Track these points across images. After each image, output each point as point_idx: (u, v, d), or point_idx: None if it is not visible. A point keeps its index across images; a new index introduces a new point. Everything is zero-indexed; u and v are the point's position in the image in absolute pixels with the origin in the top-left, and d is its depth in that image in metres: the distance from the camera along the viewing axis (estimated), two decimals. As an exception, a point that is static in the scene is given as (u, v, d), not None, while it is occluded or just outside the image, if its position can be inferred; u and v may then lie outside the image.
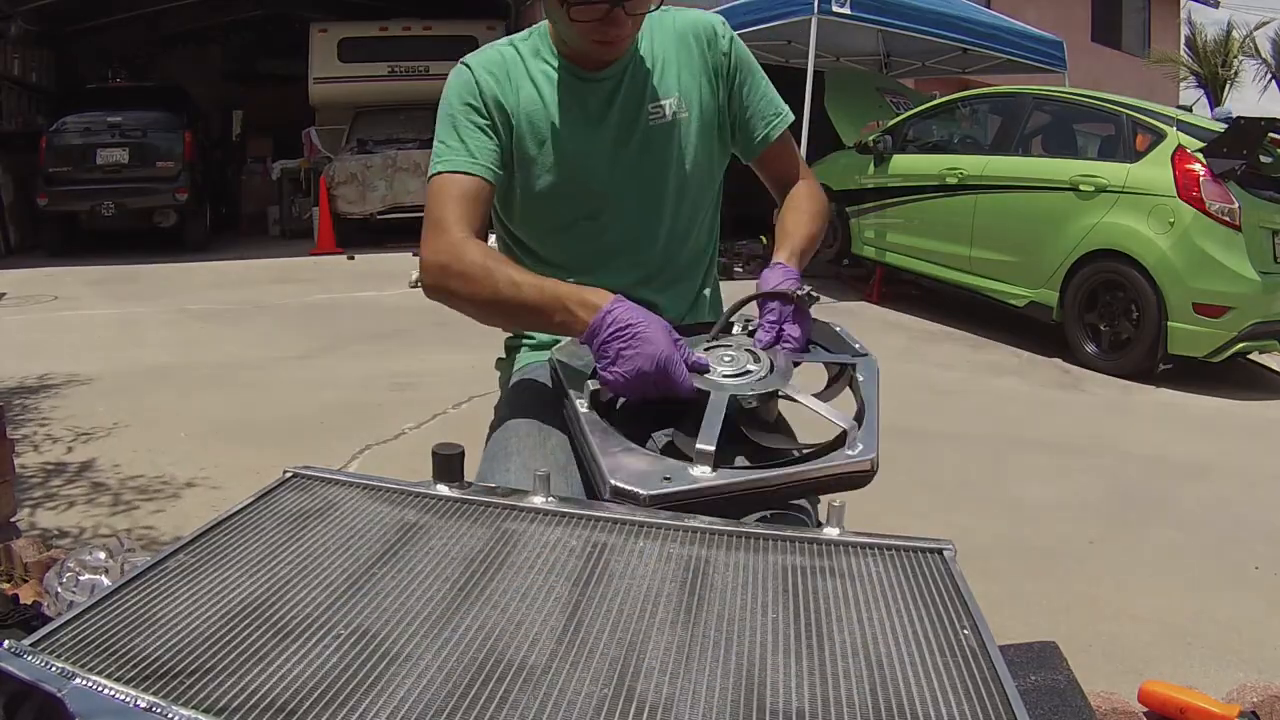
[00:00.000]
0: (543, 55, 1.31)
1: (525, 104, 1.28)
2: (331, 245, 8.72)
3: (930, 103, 6.63)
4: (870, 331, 5.56)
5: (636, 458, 0.99)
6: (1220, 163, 4.56)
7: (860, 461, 1.00)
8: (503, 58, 1.30)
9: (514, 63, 1.30)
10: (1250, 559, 2.56)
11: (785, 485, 1.00)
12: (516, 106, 1.28)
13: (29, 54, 10.07)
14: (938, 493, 3.00)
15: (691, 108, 1.33)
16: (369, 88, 10.03)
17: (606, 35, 1.21)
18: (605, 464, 0.97)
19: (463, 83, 1.28)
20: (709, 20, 1.37)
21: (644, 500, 0.93)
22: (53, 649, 0.60)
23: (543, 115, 1.28)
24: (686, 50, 1.34)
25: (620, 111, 1.31)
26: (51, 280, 7.14)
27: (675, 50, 1.34)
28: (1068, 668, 1.59)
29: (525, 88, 1.29)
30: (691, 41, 1.35)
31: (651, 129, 1.31)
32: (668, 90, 1.32)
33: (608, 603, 0.72)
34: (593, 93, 1.30)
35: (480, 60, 1.29)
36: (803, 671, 0.65)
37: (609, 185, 1.31)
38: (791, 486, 1.00)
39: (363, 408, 3.76)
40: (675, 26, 1.35)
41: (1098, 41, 14.15)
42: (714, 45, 1.35)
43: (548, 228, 1.33)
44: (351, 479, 0.92)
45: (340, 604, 0.69)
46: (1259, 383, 5.04)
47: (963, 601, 0.77)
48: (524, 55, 1.31)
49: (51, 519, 2.57)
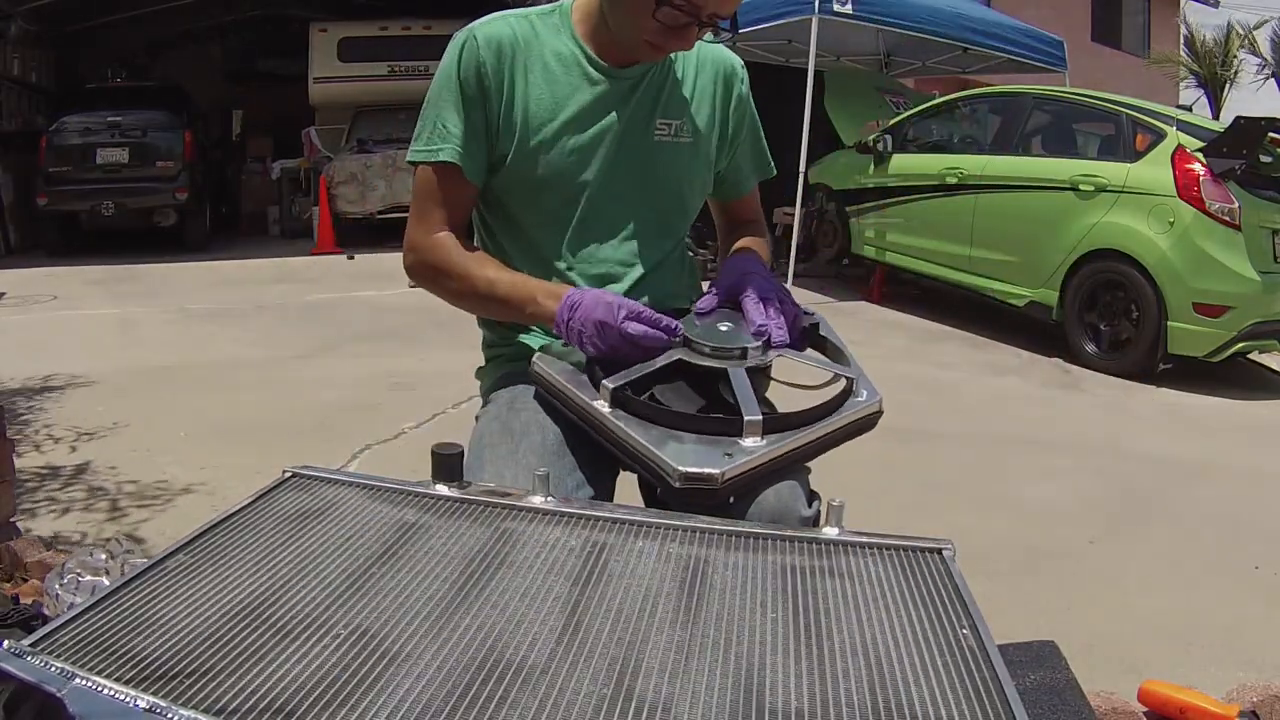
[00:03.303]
0: (561, 35, 1.26)
1: (533, 86, 1.24)
2: (331, 245, 8.71)
3: (930, 103, 6.63)
4: (870, 331, 5.56)
5: (685, 443, 1.00)
6: (1220, 163, 4.56)
7: (871, 405, 1.10)
8: (514, 33, 1.24)
9: (528, 40, 1.25)
10: (1250, 559, 2.56)
11: (822, 440, 1.06)
12: (522, 88, 1.23)
13: (29, 54, 10.06)
14: (938, 493, 3.00)
15: (696, 135, 1.32)
16: (369, 87, 10.01)
17: (667, 45, 1.19)
18: (668, 454, 0.97)
19: (466, 59, 1.22)
20: (732, 60, 1.36)
21: (720, 480, 0.95)
22: (53, 649, 0.60)
23: (549, 99, 1.24)
24: (706, 80, 1.33)
25: (631, 115, 1.27)
26: (51, 280, 7.13)
27: (695, 75, 1.33)
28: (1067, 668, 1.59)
29: (535, 69, 1.24)
30: (711, 72, 1.34)
31: (656, 144, 1.29)
32: (678, 111, 1.30)
33: (607, 602, 0.72)
34: (609, 86, 1.26)
35: (488, 35, 1.23)
36: (802, 671, 0.65)
37: (602, 183, 1.27)
38: (825, 440, 1.06)
39: (362, 408, 3.75)
40: (698, 53, 1.33)
41: (1098, 41, 14.15)
42: (731, 86, 1.35)
43: (525, 207, 1.30)
44: (351, 479, 0.92)
45: (340, 604, 0.69)
46: (1259, 383, 5.04)
47: (962, 601, 0.77)
48: (540, 32, 1.26)
49: (51, 519, 2.57)
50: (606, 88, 1.26)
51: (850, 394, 1.11)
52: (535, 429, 1.18)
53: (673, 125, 1.30)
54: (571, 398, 1.09)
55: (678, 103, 1.30)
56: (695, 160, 1.33)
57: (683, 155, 1.31)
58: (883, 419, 1.11)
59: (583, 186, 1.27)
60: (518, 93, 1.23)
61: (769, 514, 1.03)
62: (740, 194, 1.44)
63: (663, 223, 1.33)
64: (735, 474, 0.96)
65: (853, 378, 1.13)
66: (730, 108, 1.35)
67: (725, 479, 0.95)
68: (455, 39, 1.25)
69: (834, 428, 1.06)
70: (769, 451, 1.00)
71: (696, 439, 1.00)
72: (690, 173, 1.33)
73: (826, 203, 7.05)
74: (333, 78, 10.03)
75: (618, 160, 1.27)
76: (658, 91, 1.29)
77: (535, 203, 1.28)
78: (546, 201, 1.27)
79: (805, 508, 1.05)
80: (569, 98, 1.25)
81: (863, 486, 2.98)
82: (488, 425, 1.23)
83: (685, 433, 1.01)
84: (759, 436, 1.00)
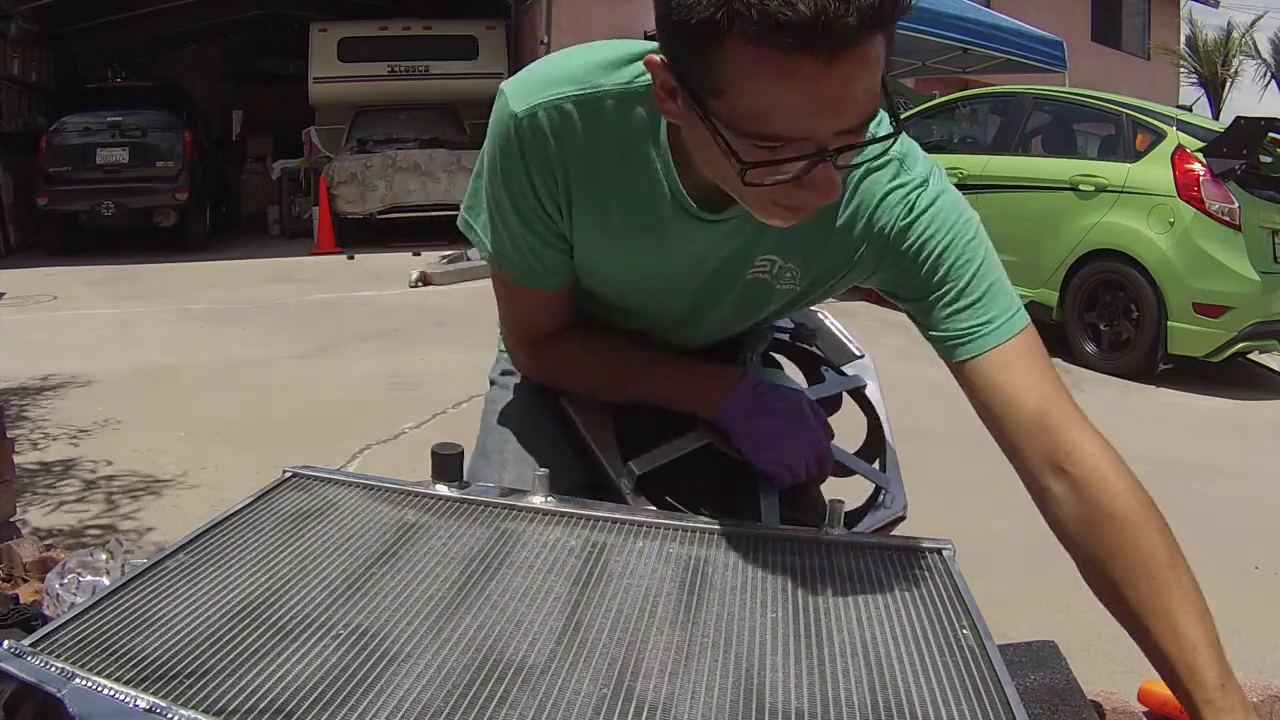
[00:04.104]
0: (651, 140, 0.87)
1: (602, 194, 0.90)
2: (331, 245, 8.71)
3: (930, 103, 6.63)
4: (870, 331, 5.56)
5: None
6: (1220, 163, 4.56)
7: (897, 513, 1.10)
8: (592, 113, 0.86)
9: (608, 125, 0.87)
10: (1250, 559, 2.56)
11: None
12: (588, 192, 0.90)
13: (29, 54, 10.06)
14: (938, 493, 2.99)
15: (805, 282, 0.98)
16: (369, 87, 10.01)
17: (799, 201, 0.76)
18: None
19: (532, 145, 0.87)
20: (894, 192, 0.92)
21: None
22: (53, 649, 0.60)
23: (619, 223, 0.92)
24: (846, 217, 0.92)
25: (724, 262, 0.95)
26: (51, 280, 7.13)
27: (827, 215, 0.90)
28: (1067, 668, 1.59)
29: (608, 171, 0.88)
30: (854, 211, 0.92)
31: (749, 282, 0.97)
32: (789, 250, 0.94)
33: (607, 602, 0.72)
34: (699, 231, 0.91)
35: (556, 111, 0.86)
36: (802, 671, 0.65)
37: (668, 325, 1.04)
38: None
39: (362, 407, 3.75)
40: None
41: (1098, 41, 14.15)
42: (890, 224, 0.91)
43: None
44: (351, 479, 0.92)
45: (340, 604, 0.69)
46: (1259, 383, 5.04)
47: (962, 601, 0.77)
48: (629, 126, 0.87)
49: (51, 519, 2.57)
50: (696, 231, 0.92)
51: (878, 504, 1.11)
52: (537, 428, 1.17)
53: (775, 262, 0.95)
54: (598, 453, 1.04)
55: (787, 240, 0.93)
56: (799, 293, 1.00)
57: (780, 290, 0.98)
58: (882, 419, 1.12)
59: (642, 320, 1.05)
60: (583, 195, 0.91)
61: None
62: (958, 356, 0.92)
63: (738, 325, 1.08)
64: None
65: (885, 486, 1.11)
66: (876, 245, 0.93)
67: None
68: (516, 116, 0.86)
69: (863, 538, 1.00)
70: None
71: None
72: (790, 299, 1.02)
73: (827, 203, 7.05)
74: (333, 78, 10.03)
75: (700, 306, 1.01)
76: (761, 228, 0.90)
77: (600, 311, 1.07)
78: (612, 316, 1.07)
79: None
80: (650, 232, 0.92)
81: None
82: (490, 421, 1.22)
83: None
84: None
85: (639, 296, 1.01)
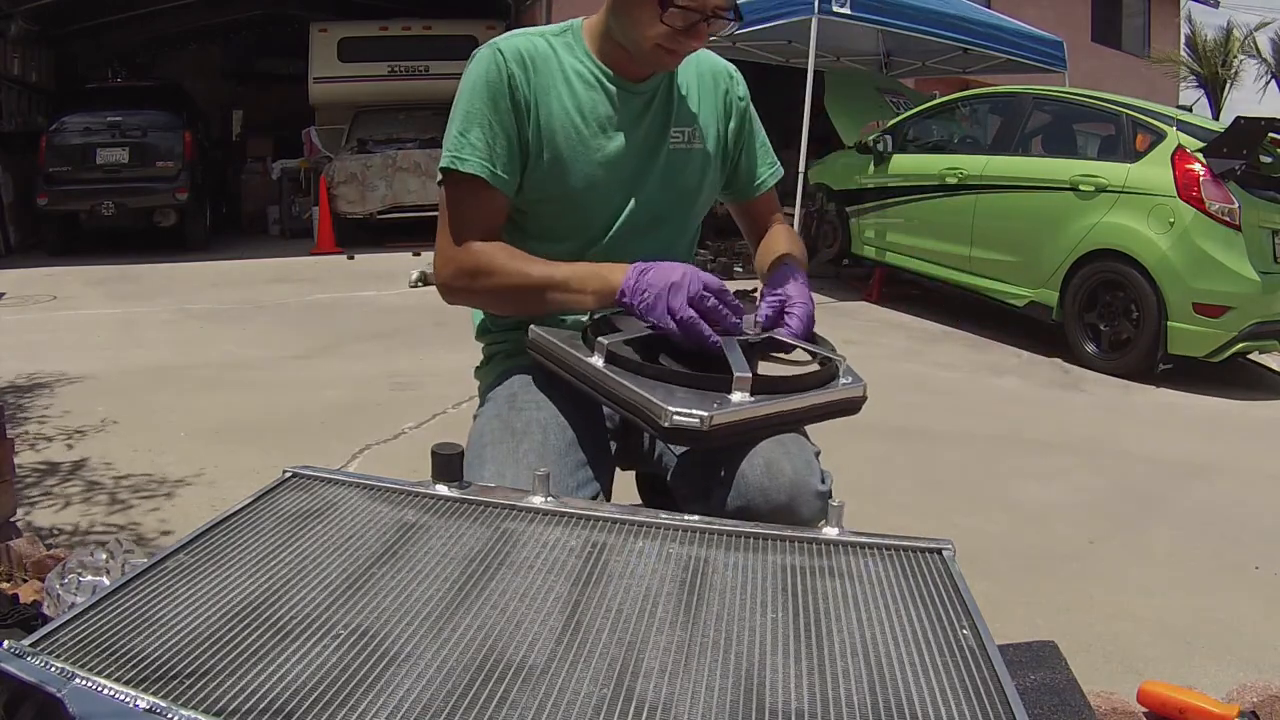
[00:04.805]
0: (576, 54, 1.31)
1: (555, 103, 1.27)
2: (331, 245, 8.71)
3: (930, 103, 6.63)
4: (870, 331, 5.56)
5: (676, 392, 1.03)
6: (1220, 163, 4.55)
7: (855, 388, 1.15)
8: (535, 49, 1.28)
9: (546, 57, 1.29)
10: (1250, 559, 2.56)
11: (807, 410, 1.11)
12: (546, 105, 1.27)
13: (29, 54, 10.06)
14: (938, 493, 2.99)
15: (706, 141, 1.39)
16: (369, 87, 10.02)
17: (681, 46, 1.24)
18: (658, 397, 1.01)
19: (494, 71, 1.25)
20: (726, 65, 1.45)
21: (707, 423, 0.98)
22: (53, 649, 0.60)
23: (571, 117, 1.28)
24: (707, 87, 1.41)
25: (649, 127, 1.34)
26: (51, 280, 7.13)
27: (697, 84, 1.40)
28: (1067, 668, 1.59)
29: (556, 85, 1.28)
30: (711, 80, 1.41)
31: (672, 153, 1.35)
32: (689, 119, 1.37)
33: (607, 603, 0.72)
34: (626, 102, 1.31)
35: (512, 48, 1.27)
36: (802, 671, 0.65)
37: (630, 191, 1.33)
38: (810, 411, 1.12)
39: (363, 407, 3.75)
40: (697, 62, 1.40)
41: (1098, 41, 14.15)
42: (730, 90, 1.43)
43: (558, 217, 1.33)
44: (351, 479, 0.92)
45: (340, 604, 0.69)
46: (1259, 383, 5.04)
47: (962, 601, 0.77)
48: (557, 50, 1.30)
49: (51, 519, 2.57)
50: (625, 102, 1.32)
51: (837, 376, 1.16)
52: (536, 428, 1.18)
53: (685, 133, 1.37)
54: (568, 358, 1.13)
55: (685, 112, 1.37)
56: (707, 164, 1.40)
57: (696, 160, 1.38)
58: (883, 419, 1.12)
59: (613, 194, 1.32)
60: (544, 107, 1.27)
61: (786, 488, 1.07)
62: (756, 193, 1.50)
63: (681, 222, 1.40)
64: (722, 421, 1.00)
65: (840, 361, 1.18)
66: (726, 103, 1.42)
67: (712, 423, 0.99)
68: (480, 54, 1.28)
69: (819, 400, 1.11)
70: (755, 408, 1.04)
71: (687, 391, 1.04)
72: (703, 175, 1.40)
73: (826, 203, 7.05)
74: (333, 78, 10.03)
75: (642, 169, 1.33)
76: (671, 103, 1.36)
77: (567, 211, 1.32)
78: (579, 210, 1.31)
79: (820, 483, 1.10)
80: (593, 112, 1.30)
81: (863, 486, 2.98)
82: (488, 424, 1.23)
83: (677, 386, 1.05)
84: (747, 393, 1.04)
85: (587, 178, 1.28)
